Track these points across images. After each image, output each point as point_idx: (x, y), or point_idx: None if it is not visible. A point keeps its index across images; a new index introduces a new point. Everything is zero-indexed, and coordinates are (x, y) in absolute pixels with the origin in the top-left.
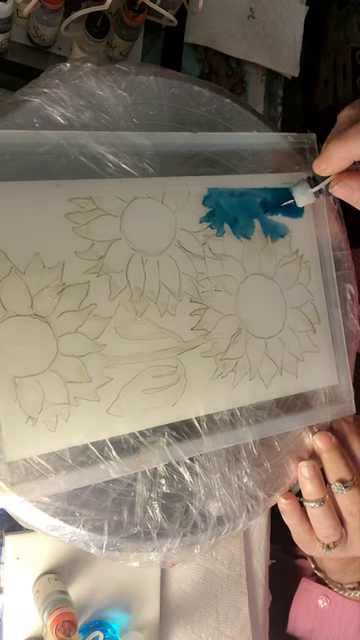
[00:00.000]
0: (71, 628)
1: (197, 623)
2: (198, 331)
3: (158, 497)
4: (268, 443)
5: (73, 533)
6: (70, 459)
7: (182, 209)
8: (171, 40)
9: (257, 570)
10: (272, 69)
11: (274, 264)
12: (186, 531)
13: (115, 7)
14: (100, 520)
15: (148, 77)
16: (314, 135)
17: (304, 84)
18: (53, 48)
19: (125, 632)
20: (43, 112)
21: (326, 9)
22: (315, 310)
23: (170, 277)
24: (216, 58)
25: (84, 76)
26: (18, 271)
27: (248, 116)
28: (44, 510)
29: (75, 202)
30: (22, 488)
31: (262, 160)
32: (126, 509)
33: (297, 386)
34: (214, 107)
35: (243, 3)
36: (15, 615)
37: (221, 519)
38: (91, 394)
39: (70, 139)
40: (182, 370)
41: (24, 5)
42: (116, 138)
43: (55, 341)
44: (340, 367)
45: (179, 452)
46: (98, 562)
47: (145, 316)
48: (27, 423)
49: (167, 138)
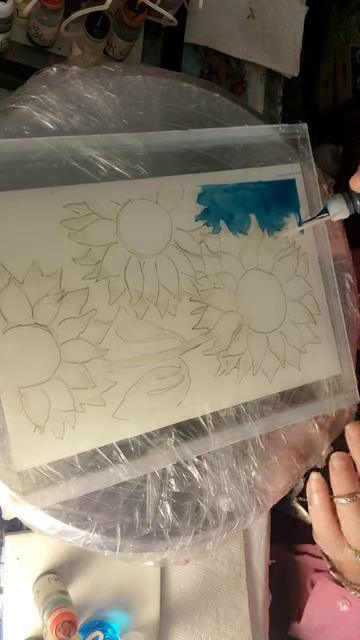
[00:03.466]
0: (71, 628)
1: (197, 623)
2: (199, 330)
3: (168, 497)
4: (274, 436)
5: (86, 537)
6: (79, 465)
7: (177, 208)
8: (171, 40)
9: (257, 570)
10: (272, 69)
11: (272, 258)
12: (198, 528)
13: (115, 7)
14: (112, 523)
15: (136, 76)
16: (305, 125)
17: (304, 84)
18: (53, 48)
19: (125, 632)
20: (32, 119)
21: (326, 9)
22: (315, 301)
23: (169, 277)
24: (216, 58)
25: (71, 79)
26: (17, 281)
27: (238, 110)
28: (56, 517)
29: (70, 208)
30: (33, 497)
31: (255, 154)
32: (137, 510)
33: (301, 378)
34: (203, 103)
35: (243, 3)
36: (15, 615)
37: (232, 514)
38: (96, 399)
39: (61, 145)
40: (185, 370)
41: (24, 5)
42: (107, 140)
43: (58, 349)
44: (342, 356)
45: (187, 451)
46: (98, 562)
47: (146, 318)
48: (35, 432)
49: (158, 137)
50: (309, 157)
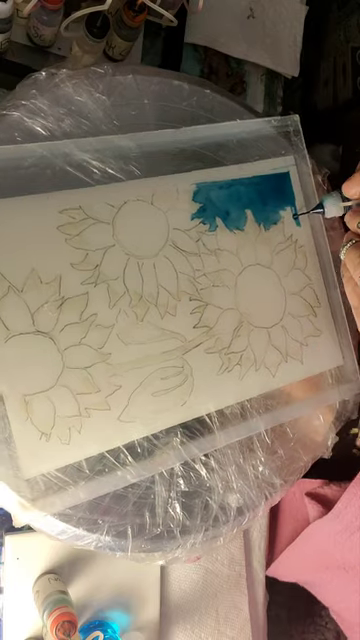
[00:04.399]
0: (71, 628)
1: (197, 623)
2: (200, 329)
3: (177, 496)
4: (280, 430)
5: (98, 540)
6: (87, 469)
7: (173, 208)
8: (171, 40)
9: (257, 570)
10: (272, 69)
11: (269, 252)
12: (208, 525)
13: (115, 7)
14: (123, 525)
15: (126, 76)
16: (297, 116)
17: (304, 84)
18: (53, 48)
19: (125, 632)
20: (23, 125)
21: (326, 9)
22: (314, 293)
23: (167, 278)
24: (216, 58)
25: (60, 83)
26: (16, 289)
27: (230, 105)
28: (67, 521)
29: (65, 213)
30: (43, 503)
31: (249, 148)
32: (147, 511)
33: (303, 371)
34: (194, 100)
35: (243, 3)
36: (15, 615)
37: (241, 509)
38: (101, 403)
39: (54, 150)
40: (188, 369)
41: (24, 5)
42: (99, 143)
43: (60, 355)
44: (344, 347)
45: (193, 450)
46: (98, 562)
47: (146, 320)
48: (41, 439)
49: (151, 137)
50: (302, 149)
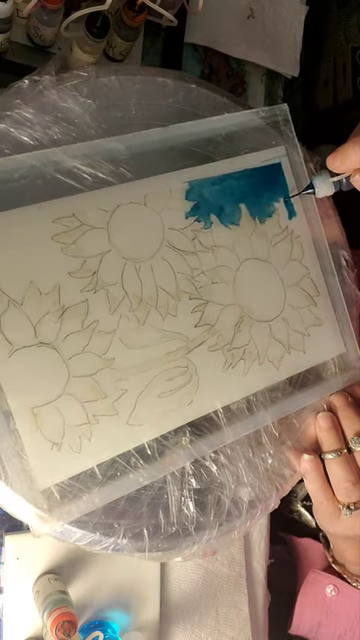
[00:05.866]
0: (71, 628)
1: (197, 623)
2: (202, 327)
3: (190, 494)
4: (287, 421)
5: (115, 544)
6: (100, 475)
7: (166, 208)
8: (171, 40)
9: (257, 570)
10: (272, 69)
11: (266, 245)
12: (222, 520)
13: (115, 7)
14: (139, 527)
15: (109, 78)
16: (286, 105)
17: (304, 84)
18: (53, 48)
19: (125, 632)
20: (10, 136)
21: (326, 9)
22: (313, 283)
23: (166, 279)
24: (216, 58)
25: (44, 90)
26: (16, 303)
27: (216, 99)
28: (84, 528)
29: (59, 222)
30: (59, 512)
31: (238, 142)
32: (161, 511)
33: (307, 362)
34: (180, 96)
35: (243, 3)
36: (15, 615)
37: (253, 502)
38: (109, 409)
39: (42, 159)
40: (193, 368)
41: (24, 5)
42: (88, 148)
43: (65, 365)
44: (345, 334)
45: (203, 448)
46: (98, 562)
47: (148, 322)
48: (52, 450)
49: (139, 138)
50: (292, 137)
